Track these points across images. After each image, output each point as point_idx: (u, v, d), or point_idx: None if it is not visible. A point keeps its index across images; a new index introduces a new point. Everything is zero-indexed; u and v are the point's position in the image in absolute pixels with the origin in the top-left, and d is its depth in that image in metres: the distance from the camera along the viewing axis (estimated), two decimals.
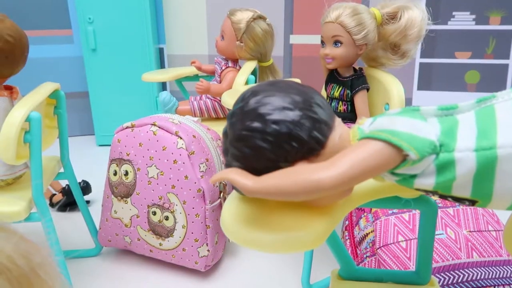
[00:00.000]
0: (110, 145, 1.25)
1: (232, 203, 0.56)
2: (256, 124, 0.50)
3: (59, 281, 0.39)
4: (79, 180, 1.32)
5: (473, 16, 2.08)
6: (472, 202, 0.51)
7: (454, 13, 2.09)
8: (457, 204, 1.04)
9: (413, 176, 0.50)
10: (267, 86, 0.54)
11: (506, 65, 2.12)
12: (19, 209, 0.97)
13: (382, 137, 0.46)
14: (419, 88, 2.22)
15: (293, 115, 0.50)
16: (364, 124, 0.53)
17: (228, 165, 0.54)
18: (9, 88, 1.05)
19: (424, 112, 0.52)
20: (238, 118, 0.52)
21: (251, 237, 0.50)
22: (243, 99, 0.53)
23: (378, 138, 0.47)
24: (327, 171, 0.46)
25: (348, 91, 1.17)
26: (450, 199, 0.51)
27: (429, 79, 2.20)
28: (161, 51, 2.29)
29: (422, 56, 2.17)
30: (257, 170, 0.51)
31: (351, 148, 0.48)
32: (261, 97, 0.52)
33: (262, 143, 0.50)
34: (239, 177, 0.49)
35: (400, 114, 0.51)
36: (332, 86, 1.21)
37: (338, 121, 0.55)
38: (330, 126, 0.52)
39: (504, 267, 0.93)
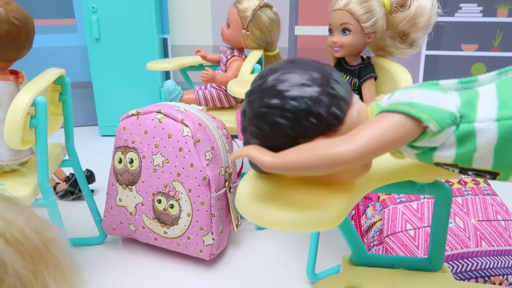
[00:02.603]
0: (113, 135, 1.24)
1: (248, 182, 0.56)
2: (274, 101, 0.50)
3: (69, 258, 0.38)
4: (83, 169, 1.32)
5: (480, 8, 2.06)
6: (494, 175, 0.50)
7: (461, 4, 2.07)
8: (467, 192, 1.03)
9: (433, 149, 0.49)
10: (285, 64, 0.54)
11: None
12: (25, 194, 0.97)
13: (401, 109, 0.46)
14: (424, 81, 2.20)
15: (311, 91, 0.50)
16: (382, 100, 0.53)
17: (246, 143, 0.54)
18: (14, 73, 1.04)
19: (443, 86, 0.51)
20: (256, 96, 0.52)
21: (268, 215, 0.50)
22: (261, 77, 0.53)
23: (396, 111, 0.47)
24: (347, 144, 0.45)
25: (356, 80, 1.16)
26: (470, 173, 0.51)
27: (435, 71, 2.18)
28: (165, 42, 2.27)
29: (428, 48, 2.15)
30: (276, 147, 0.51)
31: (370, 122, 0.48)
32: (280, 74, 0.52)
33: (281, 119, 0.50)
34: (258, 153, 0.50)
35: (419, 87, 0.51)
36: None
37: (356, 98, 0.54)
38: (348, 103, 0.52)
39: None
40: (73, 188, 1.50)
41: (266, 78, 0.52)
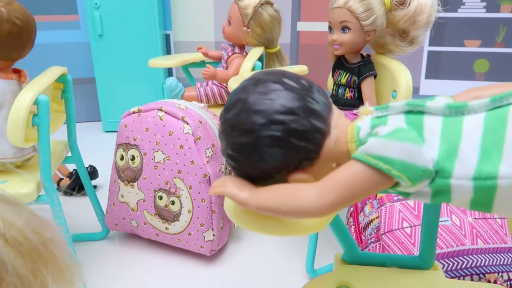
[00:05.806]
0: (116, 131, 1.25)
1: None
2: (245, 139, 0.49)
3: (69, 257, 0.39)
4: (86, 165, 1.34)
5: (484, 4, 2.05)
6: None
7: (464, 0, 2.06)
8: None
9: (408, 193, 0.49)
10: (256, 90, 0.50)
11: None
12: (29, 191, 0.99)
13: (373, 163, 0.45)
14: (427, 77, 2.20)
15: (284, 129, 0.48)
16: (364, 121, 0.50)
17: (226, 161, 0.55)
18: (17, 72, 1.06)
19: (430, 110, 0.48)
20: (228, 132, 0.51)
21: (255, 221, 0.51)
22: (232, 106, 0.51)
23: (368, 164, 0.46)
24: (316, 201, 0.46)
25: (355, 78, 1.17)
26: None
27: (437, 67, 2.17)
28: (167, 37, 2.28)
29: (430, 44, 2.14)
30: (251, 177, 0.52)
31: (342, 171, 0.47)
32: (250, 106, 0.49)
33: (252, 156, 0.50)
34: (236, 190, 0.51)
35: (395, 135, 0.46)
36: (339, 72, 1.21)
37: (335, 117, 0.52)
38: (325, 132, 0.50)
39: (509, 254, 0.93)
40: (71, 190, 1.52)
41: (236, 111, 0.50)
